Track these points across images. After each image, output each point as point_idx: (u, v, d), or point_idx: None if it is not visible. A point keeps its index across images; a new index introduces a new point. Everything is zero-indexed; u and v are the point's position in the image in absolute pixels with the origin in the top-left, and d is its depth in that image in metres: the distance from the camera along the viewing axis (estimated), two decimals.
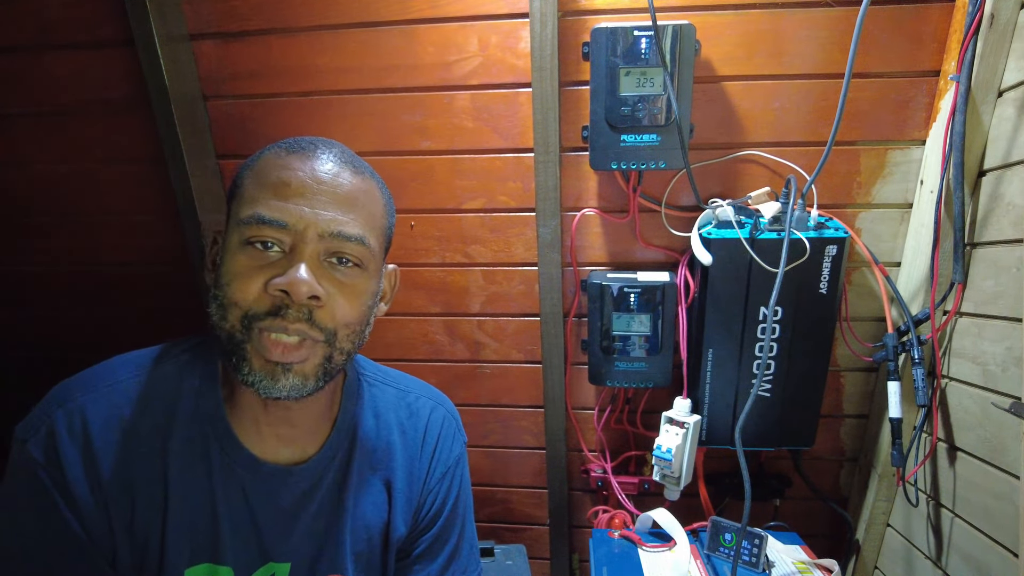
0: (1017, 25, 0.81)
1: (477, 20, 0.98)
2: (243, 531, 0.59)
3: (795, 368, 0.96)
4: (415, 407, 0.71)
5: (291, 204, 0.53)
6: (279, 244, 0.53)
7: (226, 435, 0.58)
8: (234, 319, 0.53)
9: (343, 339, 0.56)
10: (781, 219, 0.90)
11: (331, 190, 0.54)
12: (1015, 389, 0.79)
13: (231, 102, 1.06)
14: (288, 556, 0.61)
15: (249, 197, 0.54)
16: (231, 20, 1.01)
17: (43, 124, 1.10)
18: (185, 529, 0.57)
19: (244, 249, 0.53)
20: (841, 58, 0.91)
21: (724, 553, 0.93)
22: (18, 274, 1.22)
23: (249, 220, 0.52)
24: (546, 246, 1.05)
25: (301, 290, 0.51)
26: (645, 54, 0.89)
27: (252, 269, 0.53)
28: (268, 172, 0.54)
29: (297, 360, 0.54)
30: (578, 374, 1.15)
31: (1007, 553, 0.80)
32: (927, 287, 0.92)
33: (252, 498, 0.59)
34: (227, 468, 0.58)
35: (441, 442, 0.72)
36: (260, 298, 0.52)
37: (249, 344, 0.53)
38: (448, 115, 1.03)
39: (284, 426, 0.61)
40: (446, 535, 0.72)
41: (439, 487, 0.71)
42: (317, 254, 0.54)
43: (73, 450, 0.53)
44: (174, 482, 0.56)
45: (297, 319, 0.52)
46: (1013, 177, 0.81)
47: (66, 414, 0.54)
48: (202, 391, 0.59)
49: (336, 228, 0.54)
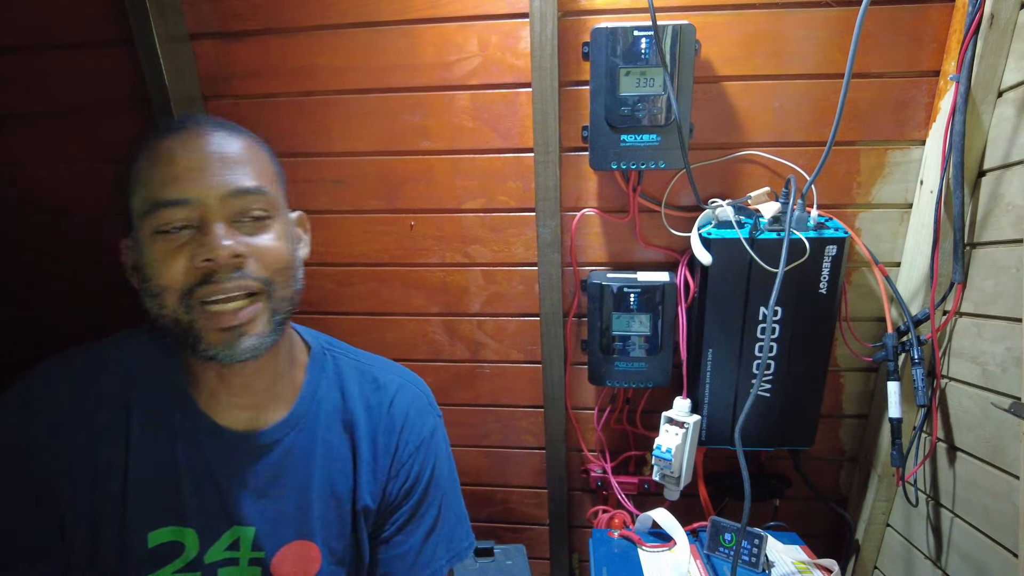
0: (1017, 25, 0.81)
1: (477, 20, 0.98)
2: (207, 495, 0.61)
3: (795, 368, 0.96)
4: (381, 381, 0.72)
5: (182, 178, 0.54)
6: (187, 222, 0.55)
7: (187, 402, 0.61)
8: (172, 302, 0.55)
9: (279, 285, 0.59)
10: (781, 219, 0.90)
11: (215, 154, 0.56)
12: (1015, 389, 0.79)
13: (231, 102, 1.06)
14: (253, 520, 0.63)
15: (142, 189, 0.56)
16: (231, 20, 1.01)
17: (43, 124, 1.10)
18: (147, 492, 0.59)
19: (157, 238, 0.55)
20: (841, 58, 0.92)
21: (724, 553, 0.93)
22: (18, 274, 1.22)
23: (151, 209, 0.54)
24: (546, 246, 1.05)
25: (223, 253, 0.53)
26: (645, 54, 0.89)
27: (171, 252, 0.54)
28: (150, 160, 0.56)
29: (246, 320, 0.56)
30: (578, 374, 1.15)
31: (1007, 553, 0.80)
32: (927, 287, 0.92)
33: (215, 463, 0.61)
34: (189, 434, 0.61)
35: (410, 418, 0.72)
36: (189, 274, 0.54)
37: (197, 322, 0.55)
38: (448, 115, 1.03)
39: (244, 394, 0.63)
40: (424, 508, 0.72)
41: (412, 461, 0.71)
42: (226, 217, 0.55)
43: (31, 417, 0.57)
44: (135, 446, 0.59)
45: (232, 279, 0.55)
46: (1013, 177, 0.81)
47: (32, 386, 0.59)
48: (162, 361, 0.62)
49: (234, 186, 0.56)
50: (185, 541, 0.60)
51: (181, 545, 0.60)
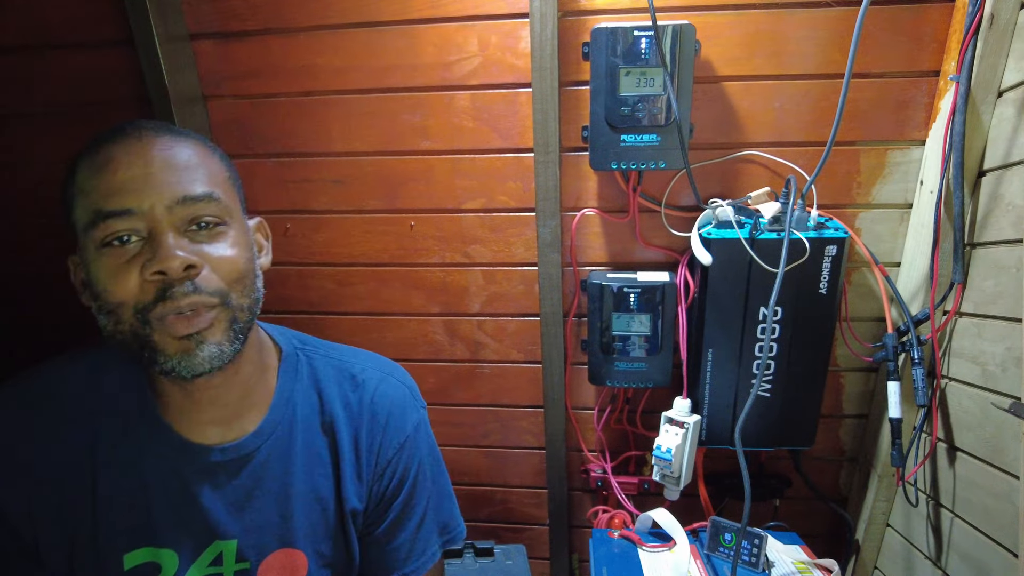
0: (1017, 25, 0.81)
1: (477, 20, 0.98)
2: (182, 513, 0.59)
3: (795, 368, 0.96)
4: (360, 379, 0.69)
5: (127, 187, 0.51)
6: (134, 233, 0.52)
7: (153, 420, 0.59)
8: (128, 317, 0.52)
9: (237, 296, 0.55)
10: (781, 219, 0.90)
11: (160, 159, 0.53)
12: (1015, 389, 0.79)
13: (231, 102, 1.06)
14: (234, 533, 0.61)
15: (83, 201, 0.52)
16: (231, 20, 1.01)
17: (43, 124, 1.10)
18: (119, 513, 0.57)
19: (103, 252, 0.52)
20: (841, 58, 0.91)
21: (724, 553, 0.93)
22: (18, 274, 1.22)
23: (94, 220, 0.51)
24: (546, 246, 1.05)
25: (174, 264, 0.50)
26: (645, 54, 0.89)
27: (120, 266, 0.51)
28: (90, 169, 0.53)
29: (205, 326, 0.53)
30: (578, 374, 1.15)
31: (1007, 553, 0.80)
32: (927, 287, 0.92)
33: (188, 479, 0.59)
34: (158, 452, 0.59)
35: (393, 414, 0.69)
36: (142, 289, 0.51)
37: (155, 334, 0.52)
38: (448, 115, 1.03)
39: (212, 408, 0.60)
40: (414, 502, 0.71)
41: (397, 459, 0.69)
42: (175, 226, 0.52)
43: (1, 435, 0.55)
44: (102, 468, 0.57)
45: (185, 294, 0.51)
46: (1013, 177, 0.81)
47: None
48: (127, 380, 0.60)
49: (181, 193, 0.52)
50: (162, 562, 0.59)
51: (157, 566, 0.59)
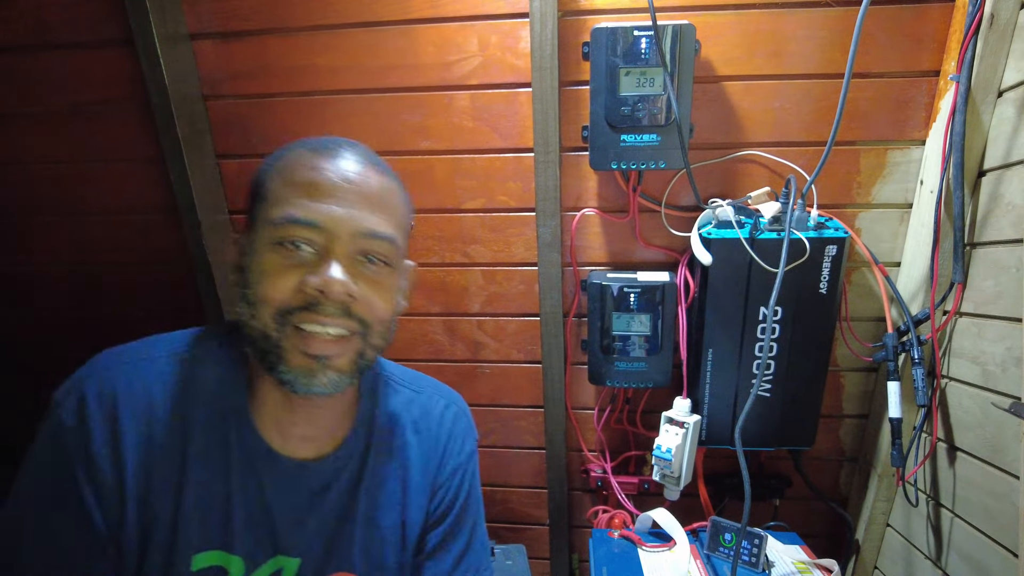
0: (1017, 25, 0.81)
1: (477, 20, 0.98)
2: (256, 522, 0.60)
3: (795, 368, 0.96)
4: (428, 406, 0.72)
5: (323, 204, 0.53)
6: (311, 244, 0.53)
7: (247, 427, 0.59)
8: (267, 316, 0.53)
9: (375, 334, 0.58)
10: (781, 219, 0.90)
11: (359, 190, 0.55)
12: (1015, 389, 0.79)
13: (231, 102, 1.06)
14: (298, 551, 0.62)
15: (278, 198, 0.54)
16: (231, 20, 1.01)
17: (43, 124, 1.10)
18: (198, 514, 0.57)
19: (275, 248, 0.53)
20: (841, 58, 0.91)
21: (724, 553, 0.93)
22: (18, 274, 1.22)
23: (281, 221, 0.53)
24: (546, 246, 1.05)
25: (336, 289, 0.52)
26: (645, 54, 0.89)
27: (285, 267, 0.53)
28: (296, 173, 0.55)
29: (335, 353, 0.55)
30: (578, 374, 1.15)
31: (1007, 553, 0.80)
32: (927, 287, 0.92)
33: (268, 490, 0.60)
34: (245, 459, 0.59)
35: (453, 438, 0.72)
36: (294, 295, 0.53)
37: (285, 341, 0.53)
38: (448, 115, 1.03)
39: (306, 424, 0.61)
40: (457, 531, 0.72)
41: (450, 482, 0.71)
42: (349, 253, 0.54)
43: (100, 417, 0.54)
44: (192, 465, 0.56)
45: (334, 314, 0.53)
46: (1013, 177, 0.81)
47: (97, 383, 0.55)
48: (227, 381, 0.59)
49: (368, 227, 0.55)
50: (229, 568, 0.58)
51: (224, 571, 0.58)
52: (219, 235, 1.12)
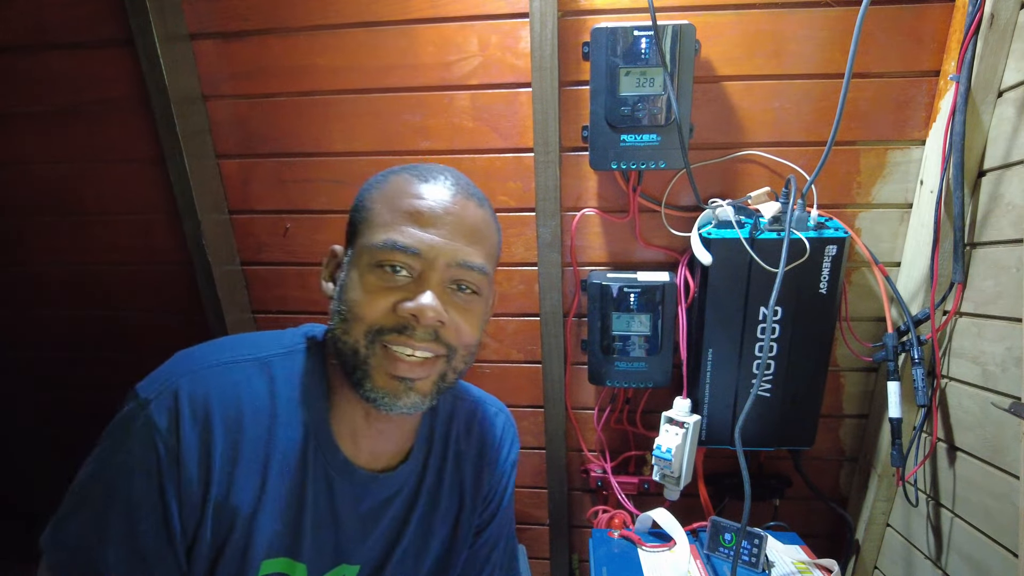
0: (1017, 25, 0.81)
1: (477, 20, 0.98)
2: (324, 531, 0.61)
3: (795, 368, 0.96)
4: (482, 413, 0.76)
5: (424, 232, 0.56)
6: (408, 269, 0.56)
7: (325, 436, 0.60)
8: (359, 334, 0.55)
9: (459, 359, 0.60)
10: (781, 219, 0.90)
11: (459, 221, 0.57)
12: (1015, 389, 0.79)
13: (231, 102, 1.06)
14: (359, 559, 0.64)
15: (382, 222, 0.56)
16: (231, 20, 1.01)
17: (42, 123, 1.10)
18: (272, 520, 0.58)
19: (374, 270, 0.56)
20: (841, 58, 0.92)
21: (724, 553, 0.93)
22: (18, 274, 1.22)
23: (383, 245, 0.55)
24: (546, 246, 1.05)
25: (429, 315, 0.54)
26: (645, 54, 0.89)
27: (381, 290, 0.55)
28: (400, 199, 0.57)
29: (421, 376, 0.57)
30: (578, 374, 1.15)
31: (1007, 553, 0.80)
32: (927, 287, 0.92)
33: (338, 500, 0.61)
34: (320, 468, 0.60)
35: (502, 444, 0.76)
36: (387, 317, 0.55)
37: (373, 359, 0.56)
38: (448, 115, 1.03)
39: (379, 438, 0.64)
40: (495, 535, 0.76)
41: (497, 486, 0.75)
42: (443, 281, 0.57)
43: (192, 423, 0.54)
44: (272, 474, 0.57)
45: (423, 339, 0.56)
46: (1013, 177, 0.81)
47: (191, 384, 0.54)
48: (309, 387, 0.60)
49: (463, 258, 0.57)
50: (294, 574, 0.60)
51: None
52: (219, 235, 1.12)
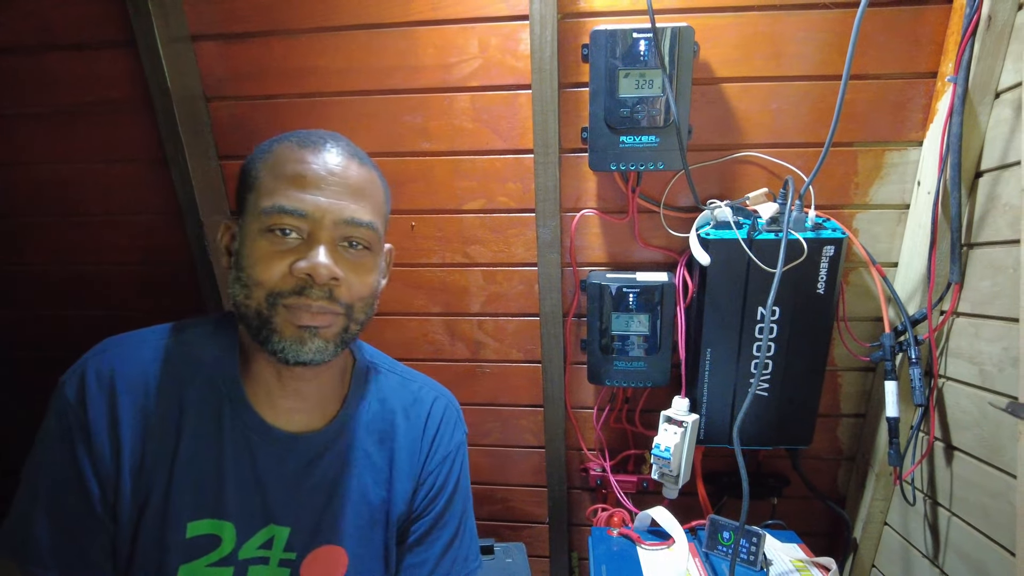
0: (1014, 27, 0.81)
1: (477, 22, 0.98)
2: (248, 491, 0.63)
3: (793, 368, 0.97)
4: (419, 395, 0.76)
5: (309, 195, 0.58)
6: (297, 231, 0.58)
7: (239, 399, 0.63)
8: (259, 297, 0.58)
9: (358, 311, 0.63)
10: (779, 220, 0.90)
11: (342, 181, 0.60)
12: (1012, 389, 0.79)
13: (232, 103, 1.06)
14: (289, 520, 0.64)
15: (268, 189, 0.58)
16: (233, 21, 1.02)
17: (44, 124, 1.10)
18: (191, 483, 0.60)
19: (265, 235, 0.58)
20: (839, 60, 0.92)
21: (722, 551, 0.93)
22: (18, 274, 1.23)
23: (271, 210, 0.57)
24: (546, 246, 1.06)
25: (322, 273, 0.57)
26: (644, 56, 0.89)
27: (274, 253, 0.58)
28: (284, 165, 0.59)
29: (323, 325, 0.59)
30: (577, 373, 1.16)
31: (1004, 552, 0.81)
32: (924, 287, 0.93)
33: (259, 460, 0.63)
34: (238, 430, 0.62)
35: (443, 427, 0.76)
36: (284, 279, 0.57)
37: (277, 317, 0.58)
38: (448, 116, 1.03)
39: (295, 397, 0.65)
40: (445, 519, 0.74)
41: (439, 470, 0.74)
42: (333, 239, 0.59)
43: (98, 394, 0.58)
44: (186, 436, 0.60)
45: (319, 297, 0.58)
46: (1010, 178, 0.81)
47: (97, 361, 0.60)
48: (220, 357, 0.64)
49: (349, 215, 0.59)
50: (223, 535, 0.61)
51: (218, 538, 0.61)
52: None
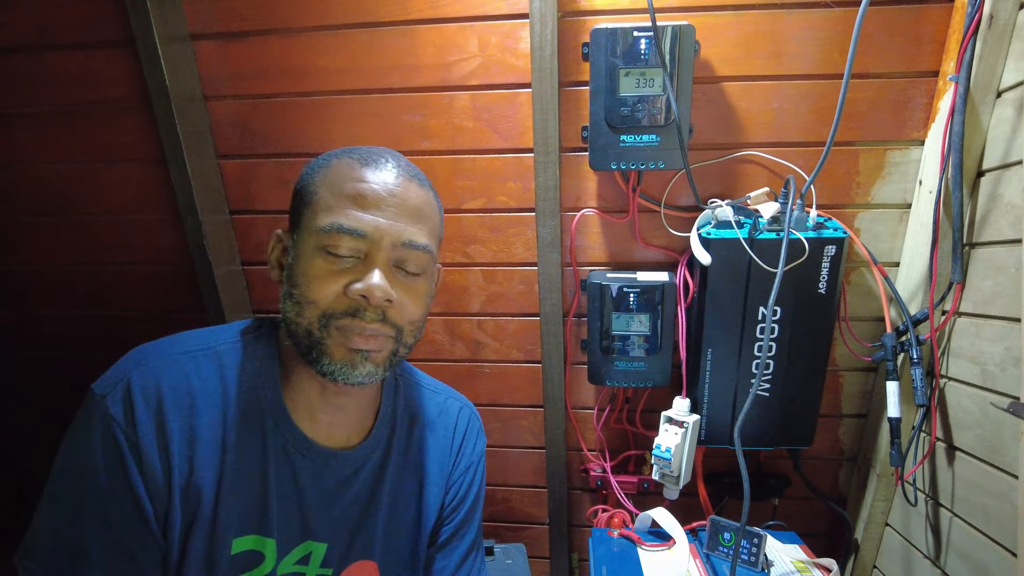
0: (1016, 25, 0.81)
1: (477, 21, 0.98)
2: (288, 507, 0.62)
3: (794, 368, 0.96)
4: (445, 406, 0.77)
5: (368, 215, 0.57)
6: (354, 252, 0.58)
7: (281, 414, 0.62)
8: (312, 316, 0.57)
9: (408, 335, 0.63)
10: (780, 219, 0.90)
11: (401, 202, 0.59)
12: (1014, 389, 0.79)
13: (232, 102, 1.06)
14: (326, 536, 0.65)
15: (326, 206, 0.58)
16: (232, 20, 1.01)
17: (43, 124, 1.10)
18: (237, 499, 0.59)
19: (321, 254, 0.57)
20: (840, 59, 0.92)
21: (723, 552, 0.93)
22: (18, 274, 1.23)
23: (329, 228, 0.57)
24: (546, 246, 1.05)
25: (378, 295, 0.57)
26: (645, 55, 0.89)
27: (329, 273, 0.57)
28: (343, 183, 0.58)
29: (375, 349, 0.59)
30: (578, 374, 1.16)
31: (1006, 553, 0.80)
32: (926, 287, 0.92)
33: (300, 476, 0.63)
34: (279, 445, 0.62)
35: (467, 438, 0.77)
36: (338, 299, 0.57)
37: (328, 339, 0.58)
38: (448, 115, 1.03)
39: (336, 413, 0.65)
40: (464, 529, 0.76)
41: (462, 479, 0.76)
42: (388, 261, 0.59)
43: (146, 412, 0.56)
44: (231, 451, 0.59)
45: (373, 319, 0.58)
46: (1012, 177, 0.81)
47: (141, 376, 0.57)
48: (262, 371, 0.62)
49: (407, 238, 0.59)
50: (265, 551, 0.61)
51: (261, 555, 0.61)
52: (220, 236, 1.12)
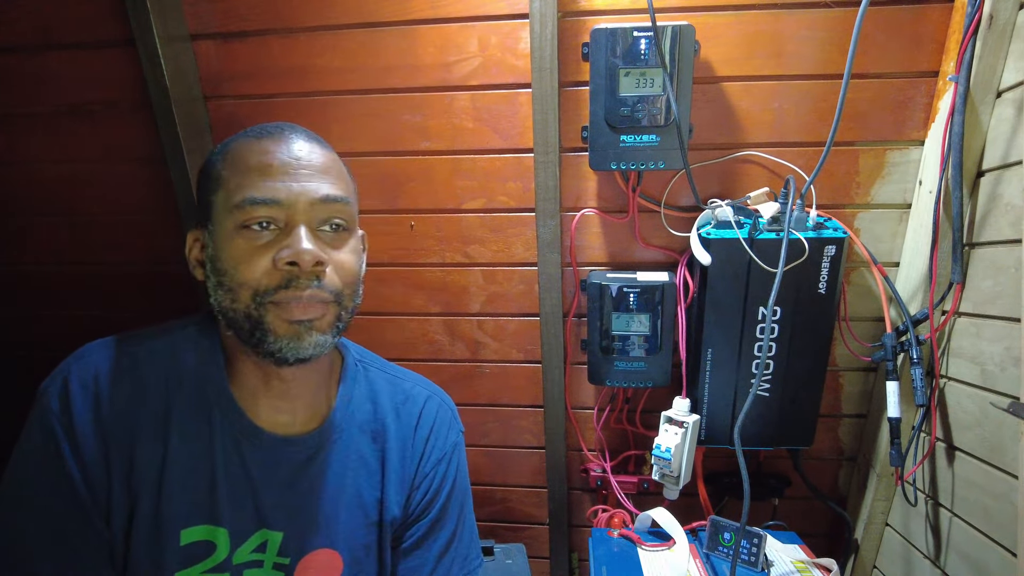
0: (1016, 25, 0.81)
1: (477, 21, 0.98)
2: (240, 496, 0.61)
3: (794, 368, 0.96)
4: (410, 393, 0.74)
5: (278, 182, 0.56)
6: (274, 222, 0.56)
7: (227, 402, 0.61)
8: (246, 299, 0.56)
9: (346, 298, 0.61)
10: (780, 219, 0.90)
11: (308, 163, 0.58)
12: (1014, 389, 0.79)
13: (231, 102, 1.06)
14: (281, 525, 0.63)
15: (236, 185, 0.56)
16: (231, 20, 1.01)
17: (43, 124, 1.10)
18: (183, 489, 0.59)
19: (240, 232, 0.56)
20: (840, 59, 0.92)
21: (723, 552, 0.93)
22: (18, 274, 1.23)
23: (242, 204, 0.55)
24: (546, 246, 1.05)
25: (306, 258, 0.55)
26: (644, 55, 0.89)
27: (254, 249, 0.55)
28: (246, 158, 0.57)
29: (316, 316, 0.57)
30: (578, 374, 1.16)
31: (1006, 553, 0.80)
32: (926, 287, 0.93)
33: (250, 465, 0.61)
34: (227, 433, 0.61)
35: (436, 429, 0.74)
36: (269, 274, 0.55)
37: (267, 316, 0.56)
38: (448, 115, 1.03)
39: (282, 398, 0.63)
40: (443, 521, 0.73)
41: (435, 472, 0.73)
42: (311, 223, 0.57)
43: (83, 400, 0.56)
44: (175, 441, 0.59)
45: (307, 286, 0.56)
46: (1012, 177, 0.81)
47: (80, 368, 0.58)
48: (205, 360, 0.62)
49: (323, 193, 0.58)
50: (217, 541, 0.60)
51: (213, 544, 0.60)
52: None
